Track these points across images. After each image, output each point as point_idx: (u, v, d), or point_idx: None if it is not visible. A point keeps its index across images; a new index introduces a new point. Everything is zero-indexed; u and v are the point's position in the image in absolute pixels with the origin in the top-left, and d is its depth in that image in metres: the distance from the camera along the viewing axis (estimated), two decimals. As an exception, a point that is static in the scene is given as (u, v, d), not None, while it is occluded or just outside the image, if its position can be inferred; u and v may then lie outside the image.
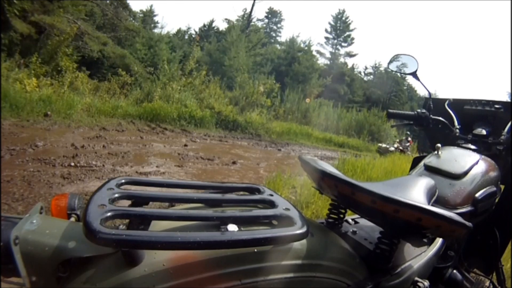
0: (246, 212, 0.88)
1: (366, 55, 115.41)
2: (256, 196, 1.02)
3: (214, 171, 6.63)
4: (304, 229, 0.85)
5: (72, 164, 5.28)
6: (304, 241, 0.92)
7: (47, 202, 3.55)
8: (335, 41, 44.19)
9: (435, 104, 2.06)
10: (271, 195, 1.03)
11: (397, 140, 19.39)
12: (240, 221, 0.86)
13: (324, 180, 1.12)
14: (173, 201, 0.92)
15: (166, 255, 0.75)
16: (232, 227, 0.83)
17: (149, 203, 0.92)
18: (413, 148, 18.69)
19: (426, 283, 1.29)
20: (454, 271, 1.68)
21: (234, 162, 7.65)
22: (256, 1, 33.61)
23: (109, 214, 0.72)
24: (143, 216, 0.76)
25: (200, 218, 0.83)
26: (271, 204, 0.96)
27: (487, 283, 2.07)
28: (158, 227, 0.82)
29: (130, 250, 0.71)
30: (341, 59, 44.14)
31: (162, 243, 0.67)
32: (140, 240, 0.67)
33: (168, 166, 6.28)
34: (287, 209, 0.93)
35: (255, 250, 0.82)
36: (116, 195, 0.82)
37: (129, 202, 0.88)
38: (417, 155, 2.78)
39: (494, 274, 2.01)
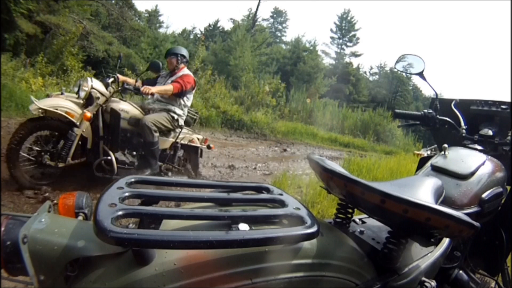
0: (257, 212, 0.89)
1: (371, 55, 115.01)
2: (266, 196, 1.03)
3: (221, 172, 6.64)
4: (314, 229, 0.85)
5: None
6: (314, 240, 0.92)
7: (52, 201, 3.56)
8: (340, 40, 44.01)
9: (441, 104, 2.05)
10: (281, 194, 1.04)
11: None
12: (251, 221, 0.86)
13: (333, 180, 1.13)
14: (183, 200, 0.92)
15: (177, 254, 0.76)
16: (243, 226, 0.84)
17: (158, 202, 0.92)
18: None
19: (433, 283, 1.29)
20: (460, 271, 1.67)
21: (238, 161, 7.62)
22: (261, 1, 33.50)
23: (120, 213, 0.72)
24: (154, 215, 0.76)
25: (212, 217, 0.84)
26: (281, 204, 0.97)
27: (493, 284, 2.07)
28: (167, 226, 0.83)
29: (141, 249, 0.72)
30: (346, 59, 43.94)
31: (175, 243, 0.68)
32: (153, 239, 0.68)
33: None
34: (298, 208, 0.94)
35: (266, 249, 0.83)
36: (126, 194, 0.82)
37: (138, 201, 0.88)
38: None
39: (500, 275, 2.01)
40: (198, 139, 5.40)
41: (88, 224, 0.80)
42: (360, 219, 1.53)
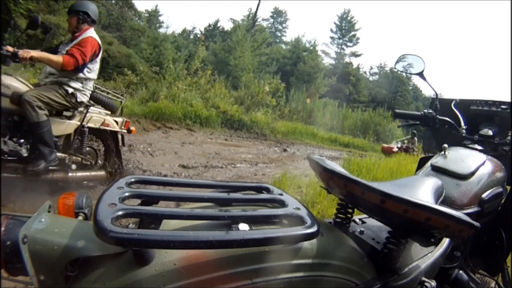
0: (257, 212, 0.89)
1: (371, 55, 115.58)
2: (266, 196, 1.03)
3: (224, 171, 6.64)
4: (314, 229, 0.85)
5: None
6: (314, 240, 0.92)
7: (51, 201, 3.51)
8: (340, 40, 44.21)
9: (441, 104, 2.06)
10: (281, 194, 1.04)
11: None
12: (251, 221, 0.86)
13: (333, 180, 1.12)
14: (183, 200, 0.92)
15: (177, 255, 0.76)
16: (243, 226, 0.84)
17: (158, 202, 0.92)
18: None
19: (433, 283, 1.29)
20: (460, 271, 1.67)
21: (238, 160, 7.63)
22: (261, 1, 33.56)
23: (120, 213, 0.72)
24: (154, 215, 0.76)
25: (212, 217, 0.84)
26: (281, 204, 0.97)
27: (493, 284, 2.07)
28: (168, 226, 0.83)
29: (141, 249, 0.72)
30: (346, 59, 44.18)
31: (175, 243, 0.68)
32: (153, 239, 0.68)
33: (169, 165, 6.28)
34: (298, 208, 0.94)
35: (266, 249, 0.83)
36: (126, 194, 0.82)
37: (138, 201, 0.88)
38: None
39: (500, 275, 2.01)
40: (116, 122, 4.35)
41: (88, 224, 0.80)
42: (360, 219, 1.53)
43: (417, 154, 15.66)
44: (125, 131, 4.50)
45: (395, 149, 15.57)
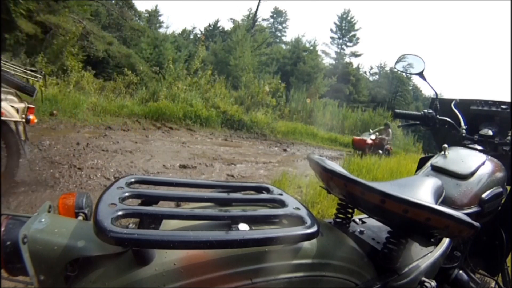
0: (257, 212, 0.89)
1: (371, 55, 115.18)
2: (266, 196, 1.03)
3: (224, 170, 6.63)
4: (314, 229, 0.85)
5: (77, 163, 5.28)
6: (314, 240, 0.92)
7: (52, 201, 3.53)
8: (340, 40, 44.19)
9: (441, 104, 2.05)
10: (281, 194, 1.04)
11: None
12: (251, 221, 0.86)
13: (333, 180, 1.12)
14: (183, 200, 0.92)
15: (177, 255, 0.75)
16: (243, 227, 0.84)
17: (158, 202, 0.92)
18: None
19: (433, 283, 1.29)
20: (460, 271, 1.67)
21: (237, 160, 7.64)
22: (261, 1, 33.57)
23: (120, 213, 0.72)
24: (154, 215, 0.76)
25: (212, 217, 0.84)
26: (281, 204, 0.97)
27: (493, 284, 2.07)
28: (168, 226, 0.83)
29: (141, 249, 0.72)
30: (346, 59, 44.14)
31: (175, 243, 0.68)
32: (153, 239, 0.68)
33: (173, 166, 6.28)
34: (297, 208, 0.94)
35: (266, 249, 0.83)
36: (126, 194, 0.82)
37: (138, 201, 0.88)
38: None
39: (500, 275, 2.01)
40: (16, 109, 3.26)
41: (88, 224, 0.80)
42: (360, 219, 1.52)
43: (391, 147, 14.40)
44: (23, 120, 3.37)
45: (369, 141, 13.53)
